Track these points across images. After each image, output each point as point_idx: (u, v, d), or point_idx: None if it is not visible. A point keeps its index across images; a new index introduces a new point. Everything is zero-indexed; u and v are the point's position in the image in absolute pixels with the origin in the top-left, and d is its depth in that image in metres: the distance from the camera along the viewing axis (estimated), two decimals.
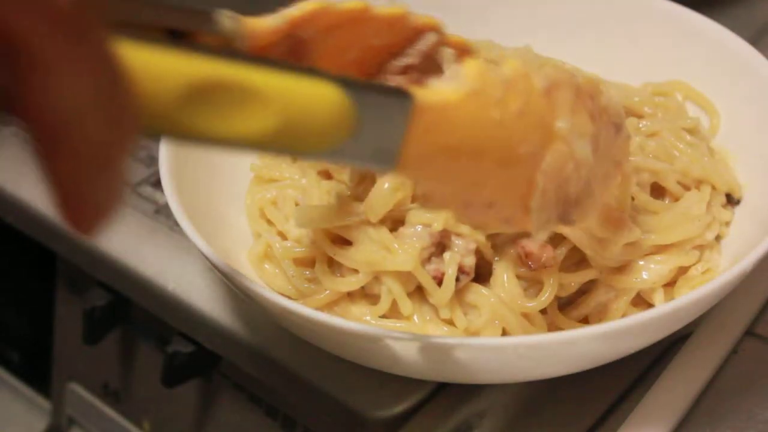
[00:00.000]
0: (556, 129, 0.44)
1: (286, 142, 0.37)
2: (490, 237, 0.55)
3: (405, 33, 0.51)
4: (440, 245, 0.54)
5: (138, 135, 0.32)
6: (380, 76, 0.51)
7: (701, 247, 0.58)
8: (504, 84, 0.42)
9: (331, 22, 0.48)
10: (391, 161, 0.40)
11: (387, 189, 0.54)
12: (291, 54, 0.47)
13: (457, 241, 0.54)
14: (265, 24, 0.46)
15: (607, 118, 0.48)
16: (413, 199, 0.55)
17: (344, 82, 0.38)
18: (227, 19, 0.44)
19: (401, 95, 0.39)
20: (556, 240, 0.55)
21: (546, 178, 0.44)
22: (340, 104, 0.37)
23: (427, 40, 0.51)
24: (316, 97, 0.37)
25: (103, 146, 0.30)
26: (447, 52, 0.51)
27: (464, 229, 0.54)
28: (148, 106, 0.33)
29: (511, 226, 0.46)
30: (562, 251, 0.55)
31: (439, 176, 0.42)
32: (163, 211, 0.68)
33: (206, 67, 0.34)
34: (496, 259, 0.55)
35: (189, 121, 0.34)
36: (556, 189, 0.45)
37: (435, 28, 0.52)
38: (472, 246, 0.54)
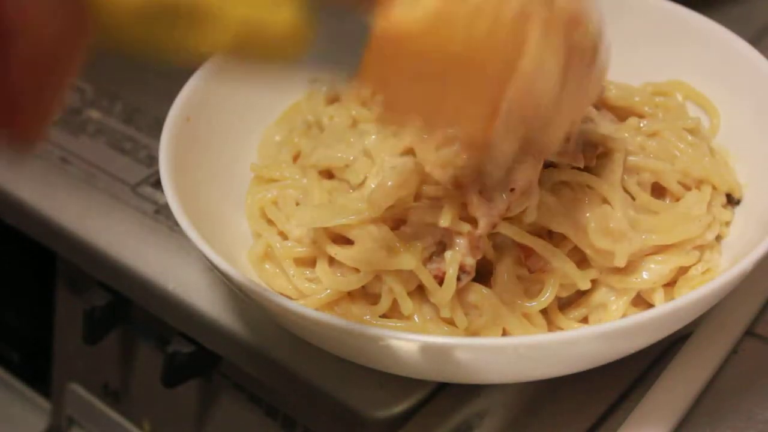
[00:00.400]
0: (523, 54, 0.44)
1: (244, 53, 0.39)
2: (491, 236, 0.55)
3: None
4: (441, 244, 0.54)
5: (92, 42, 0.33)
6: None
7: (701, 247, 0.58)
8: (472, 9, 0.43)
9: None
10: (350, 74, 0.42)
11: (390, 186, 0.54)
12: None
13: (458, 240, 0.54)
14: None
15: (581, 51, 0.47)
16: (417, 194, 0.55)
17: (302, 2, 0.40)
18: None
19: (359, 23, 0.41)
20: (557, 240, 0.55)
21: (510, 102, 0.44)
22: (296, 25, 0.39)
23: None
24: (271, 17, 0.39)
25: (56, 47, 0.31)
26: None
27: (465, 228, 0.54)
28: (106, 16, 0.34)
29: (473, 149, 0.47)
30: (562, 251, 0.55)
31: (400, 91, 0.44)
32: (163, 211, 0.68)
33: None
34: (497, 258, 0.55)
35: (148, 32, 0.36)
36: (520, 115, 0.45)
37: None
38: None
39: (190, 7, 0.37)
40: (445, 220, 0.54)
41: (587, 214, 0.55)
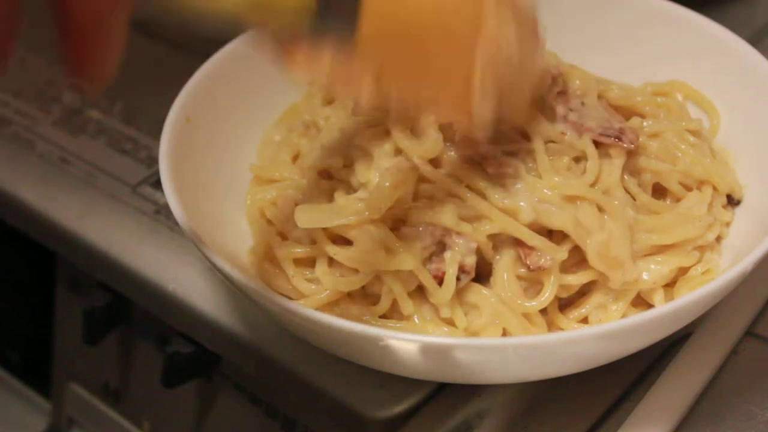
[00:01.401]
0: (484, 20, 0.48)
1: (260, 15, 0.42)
2: (491, 237, 0.55)
3: None
4: (441, 244, 0.54)
5: None
6: None
7: (702, 248, 0.58)
8: None
9: None
10: (351, 33, 0.44)
11: (388, 186, 0.54)
12: None
13: (457, 240, 0.54)
14: None
15: (525, 20, 0.52)
16: (414, 198, 0.55)
17: None
18: None
19: None
20: (557, 239, 0.55)
21: (483, 65, 0.49)
22: None
23: None
24: None
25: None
26: None
27: (465, 227, 0.54)
28: None
29: (459, 112, 0.50)
30: (562, 252, 0.55)
31: (393, 55, 0.47)
32: (163, 211, 0.68)
33: None
34: (496, 258, 0.55)
35: None
36: (493, 77, 0.50)
37: None
38: (473, 245, 0.54)
39: None
40: (446, 220, 0.54)
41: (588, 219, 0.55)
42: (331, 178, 0.59)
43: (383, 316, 0.55)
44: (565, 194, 0.55)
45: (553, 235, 0.55)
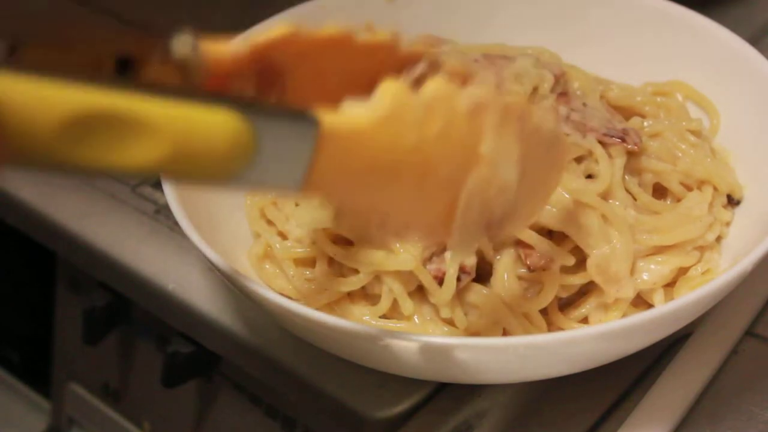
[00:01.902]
0: (479, 152, 0.42)
1: (179, 170, 0.36)
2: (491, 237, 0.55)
3: (392, 61, 0.49)
4: (441, 244, 0.54)
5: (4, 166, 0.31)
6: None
7: (702, 248, 0.58)
8: (423, 106, 0.40)
9: (305, 49, 0.45)
10: (296, 185, 0.38)
11: None
12: (261, 79, 0.45)
13: None
14: (227, 51, 0.43)
15: (539, 138, 0.46)
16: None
17: (243, 106, 0.36)
18: (181, 46, 0.42)
19: (306, 121, 0.38)
20: (557, 239, 0.55)
21: (467, 201, 0.43)
22: (238, 130, 0.36)
23: (416, 70, 0.50)
24: (210, 124, 0.36)
25: None
26: None
27: None
28: (20, 139, 0.32)
29: (431, 239, 0.45)
30: (569, 258, 0.55)
31: (350, 197, 0.41)
32: (163, 211, 0.68)
33: (85, 98, 0.33)
34: (497, 258, 0.55)
35: (71, 153, 0.33)
36: (479, 209, 0.43)
37: (423, 57, 0.50)
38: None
39: (125, 119, 0.34)
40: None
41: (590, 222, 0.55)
42: None
43: (383, 316, 0.55)
44: (578, 200, 0.55)
45: (553, 235, 0.55)
